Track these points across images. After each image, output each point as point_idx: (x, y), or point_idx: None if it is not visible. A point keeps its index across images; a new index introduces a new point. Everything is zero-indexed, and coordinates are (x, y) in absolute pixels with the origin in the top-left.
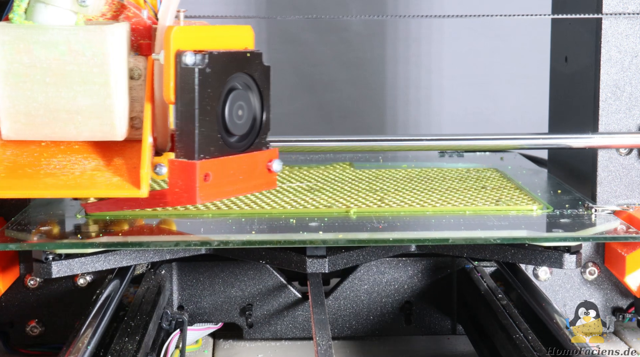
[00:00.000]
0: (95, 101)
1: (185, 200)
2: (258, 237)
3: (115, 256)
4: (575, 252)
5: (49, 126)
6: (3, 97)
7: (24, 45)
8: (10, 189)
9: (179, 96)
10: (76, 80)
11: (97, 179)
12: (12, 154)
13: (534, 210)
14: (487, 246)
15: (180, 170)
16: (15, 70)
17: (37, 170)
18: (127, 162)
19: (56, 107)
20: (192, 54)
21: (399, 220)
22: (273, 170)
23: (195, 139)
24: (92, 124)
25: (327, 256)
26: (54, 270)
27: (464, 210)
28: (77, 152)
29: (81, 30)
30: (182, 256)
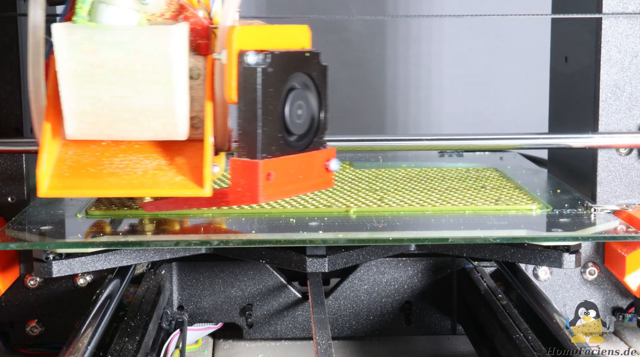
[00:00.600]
0: (159, 101)
1: (247, 199)
2: (258, 236)
3: (115, 256)
4: (575, 252)
5: (113, 126)
6: (69, 97)
7: (91, 45)
8: (75, 189)
9: (241, 96)
10: (141, 80)
11: (159, 179)
12: (74, 153)
13: (534, 209)
14: (487, 246)
15: (243, 170)
16: (81, 71)
17: (99, 169)
18: (188, 161)
19: (121, 107)
20: (254, 53)
21: (399, 219)
22: (331, 169)
23: (258, 138)
24: (156, 124)
25: (327, 256)
26: (54, 269)
27: (464, 209)
28: (137, 151)
29: (147, 30)
30: (182, 255)
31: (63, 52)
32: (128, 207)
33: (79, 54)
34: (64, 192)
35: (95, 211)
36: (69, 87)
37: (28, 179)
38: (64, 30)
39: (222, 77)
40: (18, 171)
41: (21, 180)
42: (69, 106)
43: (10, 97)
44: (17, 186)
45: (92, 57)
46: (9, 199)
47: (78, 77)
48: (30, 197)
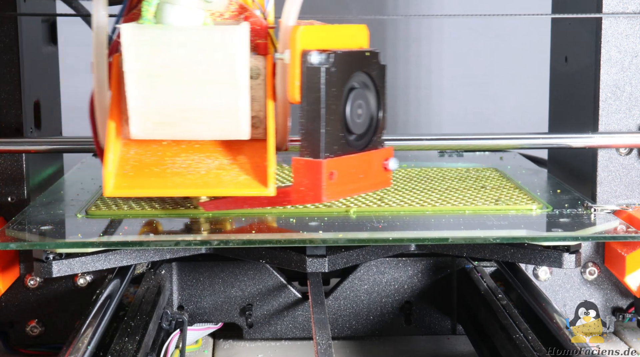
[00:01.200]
0: (225, 101)
1: (310, 198)
2: (258, 236)
3: (115, 256)
4: (575, 252)
5: (178, 125)
6: (135, 97)
7: (158, 45)
8: (140, 188)
9: (304, 95)
10: (206, 80)
11: (223, 178)
12: (136, 153)
13: (534, 209)
14: (487, 246)
15: (306, 169)
16: (148, 71)
17: (163, 169)
18: (250, 160)
19: (186, 106)
20: (317, 53)
21: (399, 219)
22: (389, 168)
23: (321, 137)
24: (220, 124)
25: (327, 256)
26: (54, 269)
27: (464, 209)
28: (198, 151)
29: (213, 31)
30: (182, 255)
31: (131, 52)
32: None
33: (146, 54)
34: (129, 191)
35: (96, 211)
36: (136, 87)
37: (28, 179)
38: (133, 30)
39: (284, 77)
40: (18, 171)
41: (21, 180)
42: (135, 106)
43: (10, 97)
44: (17, 186)
45: (159, 58)
46: (9, 199)
47: (145, 77)
48: (30, 197)
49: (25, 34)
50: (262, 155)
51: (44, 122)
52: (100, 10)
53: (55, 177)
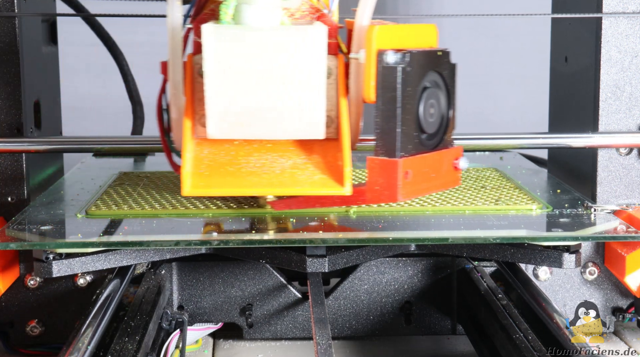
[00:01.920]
0: (302, 100)
1: (385, 198)
2: (258, 236)
3: (115, 256)
4: (575, 252)
5: (255, 125)
6: (213, 97)
7: (239, 46)
8: (216, 187)
9: (380, 95)
10: (284, 80)
11: (298, 177)
12: (210, 152)
13: (534, 209)
14: (487, 246)
15: (381, 168)
16: (227, 71)
17: (238, 168)
18: (323, 160)
19: (264, 106)
20: (393, 52)
21: (399, 219)
22: (460, 167)
23: (397, 137)
24: (297, 123)
25: (327, 255)
26: (54, 269)
27: (464, 209)
28: (271, 150)
29: (293, 31)
30: (182, 255)
31: (211, 52)
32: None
33: (226, 55)
34: (206, 190)
35: (96, 211)
36: (215, 87)
37: (28, 179)
38: (214, 30)
39: (358, 76)
40: (18, 171)
41: (21, 180)
42: (213, 106)
43: (10, 97)
44: (17, 186)
45: (239, 58)
46: (9, 199)
47: (224, 77)
48: (30, 197)
49: (25, 34)
50: (335, 155)
51: (44, 122)
52: (175, 10)
53: (55, 177)
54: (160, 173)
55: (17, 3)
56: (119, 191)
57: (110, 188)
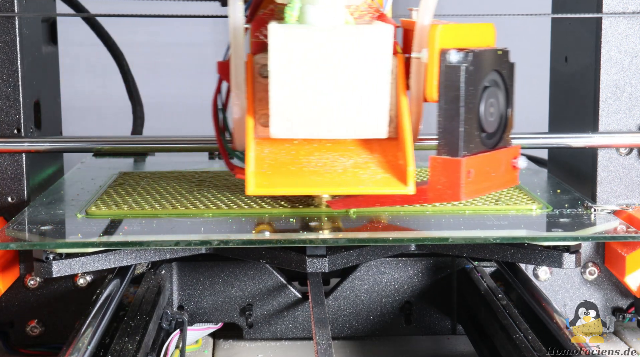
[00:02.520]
0: (366, 100)
1: (448, 197)
2: (258, 236)
3: (115, 256)
4: (575, 252)
5: (319, 124)
6: (278, 96)
7: (304, 45)
8: (280, 186)
9: (442, 94)
10: (349, 79)
11: (361, 176)
12: (270, 152)
13: (534, 209)
14: (487, 246)
15: (443, 167)
16: (293, 70)
17: (300, 168)
18: (384, 159)
19: (328, 105)
20: (456, 52)
21: (399, 219)
22: (518, 166)
23: (460, 136)
24: (360, 122)
25: (327, 256)
26: (54, 269)
27: (464, 209)
28: (331, 150)
29: (360, 30)
30: (182, 255)
31: (278, 52)
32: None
33: (293, 54)
34: (270, 190)
35: (96, 211)
36: (280, 86)
37: (28, 179)
38: (281, 30)
39: (419, 76)
40: (18, 171)
41: (21, 180)
42: (277, 105)
43: (10, 97)
44: (17, 186)
45: (305, 57)
46: (9, 199)
47: (290, 77)
48: (30, 197)
49: (25, 34)
50: (395, 154)
51: (44, 122)
52: (237, 11)
53: (55, 177)
54: (160, 173)
55: (17, 3)
56: (119, 191)
57: (110, 188)
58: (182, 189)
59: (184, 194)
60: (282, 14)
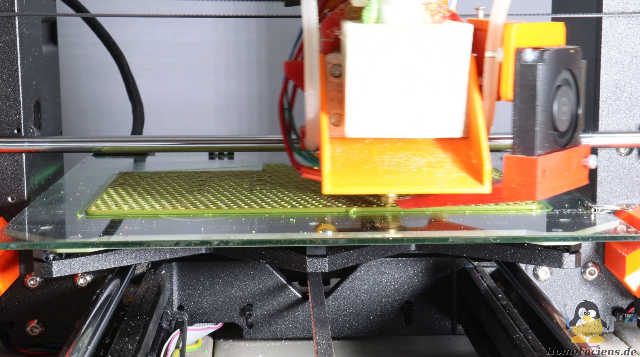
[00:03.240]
0: (443, 99)
1: (523, 196)
2: (258, 236)
3: (115, 256)
4: (575, 252)
5: (395, 123)
6: (355, 96)
7: (383, 45)
8: (356, 185)
9: (517, 93)
10: (427, 79)
11: (435, 175)
12: (343, 151)
13: (534, 209)
14: (487, 246)
15: (519, 166)
16: (370, 70)
17: (374, 167)
18: (457, 158)
19: (405, 105)
20: (531, 51)
21: (399, 219)
22: (589, 165)
23: (536, 135)
24: (438, 122)
25: (327, 255)
26: (54, 269)
27: (464, 209)
28: (403, 149)
29: (440, 29)
30: (182, 255)
31: (356, 52)
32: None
33: (372, 54)
34: (346, 189)
35: (96, 211)
36: (358, 86)
37: (28, 179)
38: (360, 30)
39: (492, 75)
40: (18, 171)
41: (21, 180)
42: (354, 105)
43: (10, 97)
44: (17, 186)
45: (384, 56)
46: (9, 199)
47: (367, 76)
48: (31, 197)
49: (25, 34)
50: (467, 153)
51: (44, 122)
52: (311, 11)
53: (55, 177)
54: (160, 173)
55: (17, 3)
56: (119, 191)
57: (110, 188)
58: (182, 189)
59: (184, 194)
60: (353, 13)
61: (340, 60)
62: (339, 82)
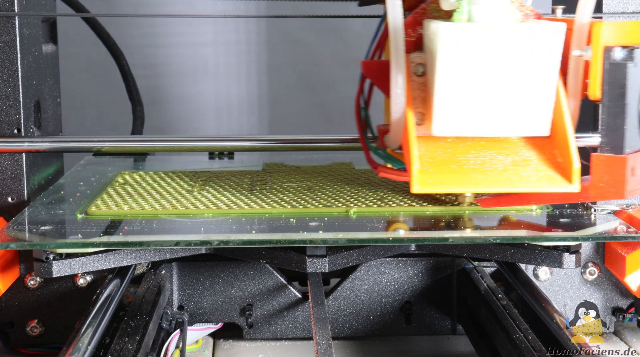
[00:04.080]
0: (532, 97)
1: (611, 195)
2: (258, 236)
3: (115, 255)
4: (575, 252)
5: (482, 122)
6: (443, 95)
7: (475, 45)
8: (445, 184)
9: (606, 92)
10: (518, 77)
11: (523, 174)
12: (427, 150)
13: (534, 209)
14: (487, 246)
15: (607, 165)
16: (458, 69)
17: (460, 166)
18: (543, 157)
19: (493, 103)
20: (620, 49)
21: (399, 220)
22: None
23: (625, 134)
24: (525, 121)
25: (327, 256)
26: (54, 269)
27: (464, 209)
28: (486, 148)
29: (534, 28)
30: (182, 255)
31: (447, 51)
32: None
33: (463, 53)
34: (435, 187)
35: (96, 211)
36: (447, 85)
37: (28, 179)
38: (451, 29)
39: (578, 73)
40: (18, 171)
41: (21, 180)
42: (442, 103)
43: (10, 97)
44: (17, 186)
45: (475, 55)
46: (9, 199)
47: (457, 76)
48: (31, 198)
49: (25, 34)
50: (551, 151)
51: (44, 122)
52: (397, 11)
53: (56, 177)
54: (160, 173)
55: (17, 3)
56: (119, 191)
57: (110, 188)
58: (182, 189)
59: (184, 194)
60: (435, 12)
61: (424, 60)
62: (421, 81)
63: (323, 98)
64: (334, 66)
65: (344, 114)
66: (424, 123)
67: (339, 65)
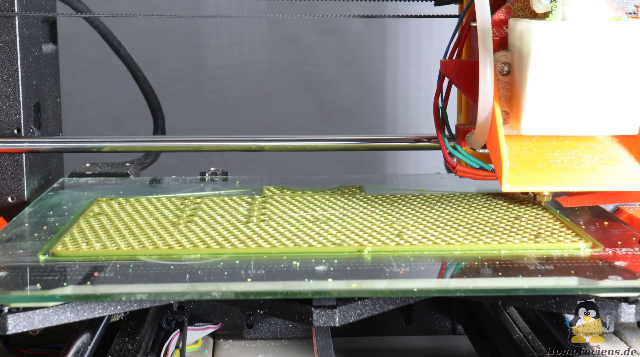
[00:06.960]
0: (623, 96)
1: None
2: (254, 286)
3: (84, 307)
4: (634, 302)
5: (570, 121)
6: (534, 94)
7: (570, 43)
8: (535, 183)
9: None
10: (608, 76)
11: (612, 173)
12: (512, 149)
13: (582, 249)
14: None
15: None
16: (551, 68)
17: (547, 164)
18: (630, 155)
19: (583, 102)
20: None
21: (422, 262)
22: None
23: None
24: (615, 119)
25: (337, 307)
26: (9, 324)
27: (499, 248)
28: (572, 146)
29: (628, 27)
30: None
31: (541, 50)
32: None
33: (556, 52)
34: (525, 185)
35: (62, 250)
36: (539, 84)
37: (28, 179)
38: (546, 28)
39: None
40: (18, 171)
41: (21, 180)
42: (532, 102)
43: (10, 97)
44: (17, 186)
45: (568, 55)
46: (9, 199)
47: (549, 75)
48: (31, 198)
49: (25, 34)
50: (638, 150)
51: (44, 122)
52: (485, 10)
53: (55, 177)
54: (142, 200)
55: (17, 3)
56: (92, 224)
57: (82, 220)
58: (167, 221)
59: (168, 228)
60: (520, 12)
61: (509, 59)
62: (507, 80)
63: (323, 98)
64: (334, 66)
65: (343, 114)
66: (508, 122)
67: (339, 65)
